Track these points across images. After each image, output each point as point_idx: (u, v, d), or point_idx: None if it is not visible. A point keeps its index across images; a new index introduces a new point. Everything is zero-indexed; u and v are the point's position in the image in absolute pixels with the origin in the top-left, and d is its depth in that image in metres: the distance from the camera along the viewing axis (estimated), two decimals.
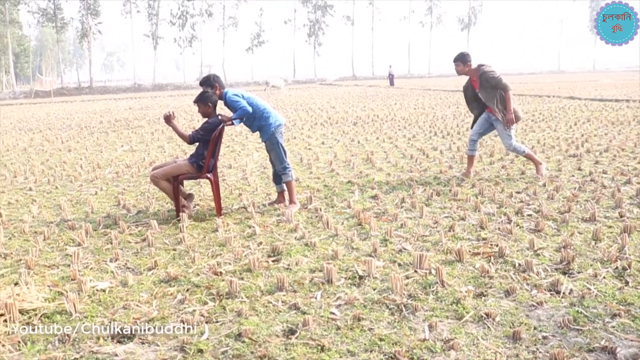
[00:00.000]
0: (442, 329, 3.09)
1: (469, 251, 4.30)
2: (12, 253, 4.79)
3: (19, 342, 3.15)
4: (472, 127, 7.22)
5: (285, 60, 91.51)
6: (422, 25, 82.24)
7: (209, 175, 5.70)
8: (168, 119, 5.63)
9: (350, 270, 4.01)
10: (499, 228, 4.87)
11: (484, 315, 3.20)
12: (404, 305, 3.39)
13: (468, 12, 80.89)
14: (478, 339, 2.96)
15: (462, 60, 6.87)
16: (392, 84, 41.79)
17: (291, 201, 5.91)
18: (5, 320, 3.36)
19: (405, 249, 4.44)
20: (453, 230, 4.83)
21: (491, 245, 4.44)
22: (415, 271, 3.94)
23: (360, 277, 3.87)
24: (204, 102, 5.69)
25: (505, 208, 5.50)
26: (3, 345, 3.10)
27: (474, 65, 6.88)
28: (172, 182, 5.64)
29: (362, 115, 16.15)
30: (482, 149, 9.10)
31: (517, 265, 3.98)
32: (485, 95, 6.82)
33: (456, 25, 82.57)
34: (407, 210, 5.60)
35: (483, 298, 3.47)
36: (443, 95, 26.21)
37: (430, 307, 3.38)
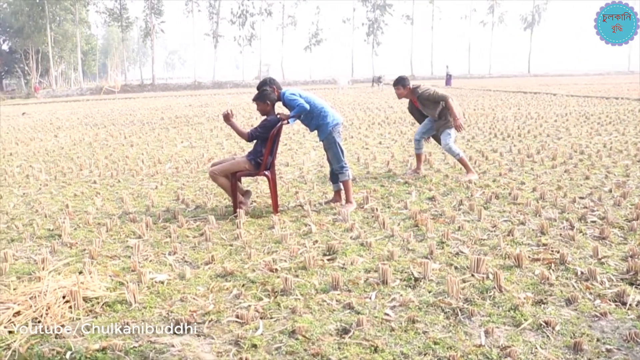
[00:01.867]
0: (498, 336, 3.02)
1: (529, 257, 4.18)
2: (77, 243, 4.98)
3: (83, 328, 3.27)
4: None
5: (344, 59, 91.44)
6: (483, 24, 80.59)
7: (266, 173, 5.76)
8: (227, 117, 5.71)
9: (405, 272, 3.97)
10: (560, 234, 4.71)
11: (543, 324, 3.10)
12: (460, 310, 3.32)
13: (532, 10, 78.69)
14: (537, 348, 2.88)
15: (401, 84, 7.24)
16: (448, 84, 41.21)
17: (347, 200, 5.90)
18: (70, 307, 3.50)
19: (462, 252, 4.36)
20: (512, 235, 4.70)
21: (552, 251, 4.30)
22: (472, 275, 3.86)
23: (416, 279, 3.82)
24: (263, 100, 5.75)
25: (568, 214, 5.31)
26: (68, 330, 3.23)
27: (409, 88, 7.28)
28: (230, 179, 5.73)
29: None
30: (543, 152, 8.84)
31: (579, 273, 3.84)
32: (430, 111, 7.21)
33: (519, 24, 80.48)
34: (464, 213, 5.50)
35: (542, 306, 3.36)
36: (504, 96, 25.61)
37: (487, 312, 3.30)
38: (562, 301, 3.42)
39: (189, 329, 3.21)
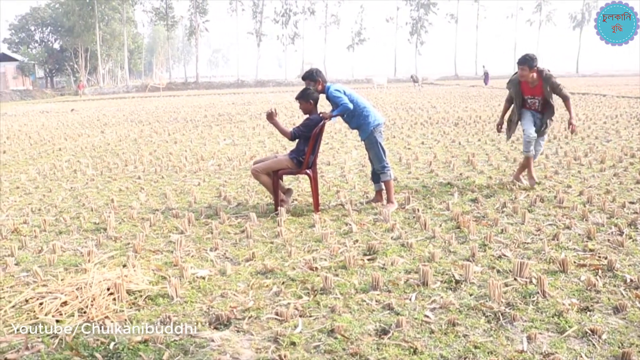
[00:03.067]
0: (541, 342, 2.94)
1: (574, 262, 4.07)
2: (121, 237, 5.10)
3: (126, 320, 3.34)
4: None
5: (386, 58, 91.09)
6: (529, 23, 79.02)
7: (308, 172, 5.77)
8: (270, 116, 5.75)
9: (446, 274, 3.92)
10: (608, 240, 4.57)
11: (589, 332, 3.01)
12: (502, 314, 3.26)
13: (582, 8, 76.67)
14: (581, 356, 2.79)
15: (528, 64, 6.43)
16: (486, 83, 40.99)
17: (389, 200, 5.87)
18: (114, 299, 3.58)
19: (505, 255, 4.28)
20: (557, 239, 4.59)
21: (599, 257, 4.17)
22: (515, 279, 3.78)
23: (457, 282, 3.77)
24: (306, 99, 5.76)
25: (617, 219, 5.15)
26: (112, 322, 3.31)
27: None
28: (271, 177, 5.77)
29: (464, 116, 15.75)
30: (591, 155, 8.60)
31: (628, 280, 3.71)
32: (542, 104, 6.66)
33: (567, 23, 78.54)
34: (508, 216, 5.39)
35: (588, 313, 3.27)
36: None
37: (530, 317, 3.23)
38: (610, 309, 3.31)
39: (228, 325, 3.24)
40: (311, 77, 5.84)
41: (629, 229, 4.84)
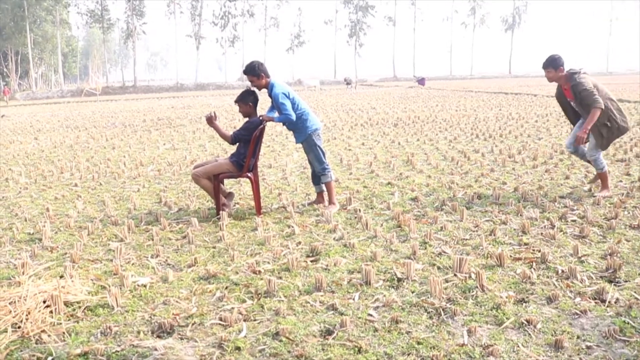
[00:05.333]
0: (481, 335, 3.04)
1: (510, 256, 4.22)
2: (57, 246, 4.93)
3: (64, 332, 3.24)
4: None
5: (326, 60, 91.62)
6: (464, 26, 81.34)
7: (249, 175, 5.74)
8: (210, 120, 5.70)
9: (388, 272, 3.98)
10: (541, 233, 4.76)
11: (525, 322, 3.13)
12: (443, 309, 3.34)
13: (512, 12, 79.49)
14: (518, 346, 2.90)
15: (552, 65, 5.85)
16: (422, 84, 42.76)
17: (330, 202, 5.91)
18: (51, 312, 3.46)
19: (444, 252, 4.39)
20: (494, 235, 4.74)
21: (533, 250, 4.35)
22: (455, 275, 3.88)
23: (399, 280, 3.84)
24: (245, 102, 5.74)
25: (549, 213, 5.37)
26: (49, 336, 3.20)
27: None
28: (212, 181, 5.71)
29: (403, 117, 16.05)
30: (525, 152, 8.93)
31: (560, 271, 3.88)
32: (582, 108, 5.90)
33: (500, 26, 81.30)
34: (447, 213, 5.53)
35: (524, 304, 3.39)
36: (485, 97, 25.82)
37: (470, 311, 3.33)
38: (544, 299, 3.45)
39: (172, 332, 3.19)
40: (253, 71, 5.63)
41: (559, 222, 5.06)
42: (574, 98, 5.86)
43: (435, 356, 2.78)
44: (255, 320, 3.32)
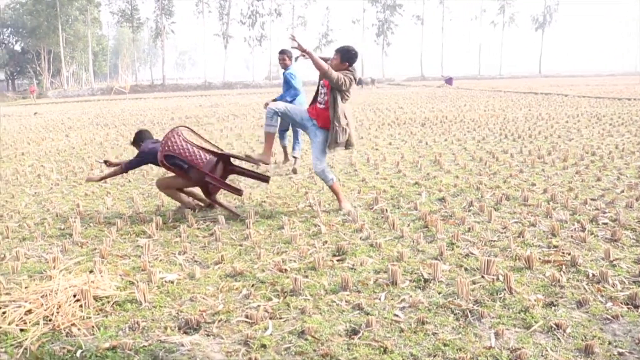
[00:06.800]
0: (509, 338, 3.00)
1: (539, 258, 4.16)
2: (87, 242, 5.01)
3: (93, 326, 3.29)
4: None
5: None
6: (493, 25, 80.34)
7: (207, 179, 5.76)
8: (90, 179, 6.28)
9: (415, 273, 3.96)
10: (571, 236, 4.68)
11: (554, 326, 3.08)
12: (470, 311, 3.31)
13: (543, 11, 78.28)
14: (547, 350, 2.85)
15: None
16: (450, 83, 42.23)
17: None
18: (81, 306, 3.52)
19: (472, 253, 4.34)
20: (523, 236, 4.68)
21: (563, 253, 4.27)
22: (482, 277, 3.84)
23: (426, 280, 3.81)
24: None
25: (579, 215, 5.27)
26: (79, 329, 3.25)
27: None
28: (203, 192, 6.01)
29: (431, 117, 15.93)
30: (555, 153, 8.79)
31: (590, 275, 3.80)
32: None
33: (530, 24, 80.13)
34: (475, 214, 5.47)
35: (553, 308, 3.34)
36: (514, 97, 25.50)
37: (497, 314, 3.28)
38: (573, 303, 3.39)
39: (198, 329, 3.22)
40: (289, 52, 8.26)
41: (590, 225, 4.96)
42: None
43: (462, 358, 2.75)
44: (281, 318, 3.33)
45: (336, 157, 8.85)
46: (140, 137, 6.18)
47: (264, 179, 6.14)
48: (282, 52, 8.39)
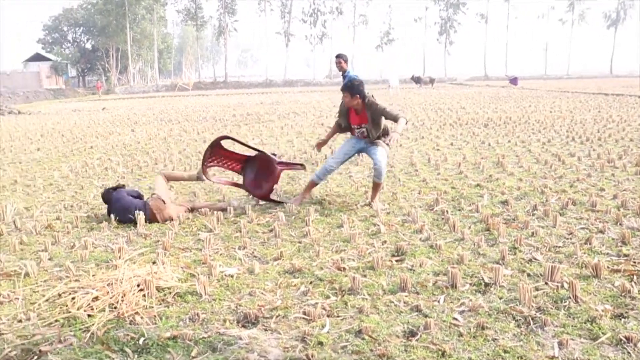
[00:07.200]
0: (573, 348, 2.89)
1: (608, 267, 3.98)
2: (151, 234, 5.16)
3: (155, 316, 3.38)
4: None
5: (415, 58, 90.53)
6: (562, 22, 77.72)
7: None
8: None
9: (475, 277, 3.88)
10: None
11: (624, 339, 2.94)
12: (532, 318, 3.21)
13: (617, 7, 75.07)
14: None
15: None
16: (515, 83, 40.72)
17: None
18: (144, 295, 3.63)
19: (535, 259, 4.21)
20: (590, 243, 4.50)
21: (634, 262, 4.08)
22: (546, 283, 3.71)
23: (486, 285, 3.73)
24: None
25: None
26: (142, 318, 3.35)
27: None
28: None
29: (494, 117, 15.56)
30: (626, 158, 8.42)
31: None
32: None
33: (601, 22, 77.03)
34: (539, 219, 5.31)
35: (623, 320, 3.19)
36: (583, 97, 24.59)
37: (561, 323, 3.17)
38: None
39: (256, 323, 3.26)
40: (344, 56, 8.67)
41: None
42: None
43: None
44: (338, 316, 3.32)
45: (397, 157, 8.78)
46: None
47: (300, 166, 6.40)
48: (339, 56, 9.05)
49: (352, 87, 5.81)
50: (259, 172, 6.28)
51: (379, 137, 5.99)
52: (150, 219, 5.50)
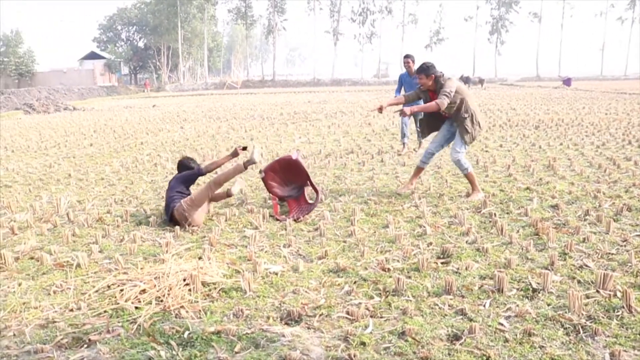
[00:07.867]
0: None
1: None
2: (197, 230, 5.25)
3: (200, 310, 3.44)
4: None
5: (465, 58, 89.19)
6: (621, 21, 75.07)
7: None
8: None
9: (523, 282, 3.79)
10: None
11: None
12: (582, 327, 3.11)
13: None
14: None
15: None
16: (568, 84, 39.69)
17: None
18: (189, 290, 3.69)
19: (586, 265, 4.08)
20: None
21: None
22: (597, 291, 3.60)
23: (534, 290, 3.64)
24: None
25: None
26: (187, 311, 3.41)
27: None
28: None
29: (545, 119, 15.18)
30: None
31: None
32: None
33: None
34: (591, 224, 5.14)
35: None
36: None
37: (613, 333, 3.06)
38: None
39: (299, 321, 3.27)
40: (412, 57, 9.11)
41: None
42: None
43: None
44: (381, 317, 3.31)
45: (444, 158, 8.66)
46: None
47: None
48: (407, 56, 9.29)
49: (426, 69, 6.23)
50: (287, 181, 6.23)
51: (459, 111, 6.23)
52: (175, 222, 5.41)
